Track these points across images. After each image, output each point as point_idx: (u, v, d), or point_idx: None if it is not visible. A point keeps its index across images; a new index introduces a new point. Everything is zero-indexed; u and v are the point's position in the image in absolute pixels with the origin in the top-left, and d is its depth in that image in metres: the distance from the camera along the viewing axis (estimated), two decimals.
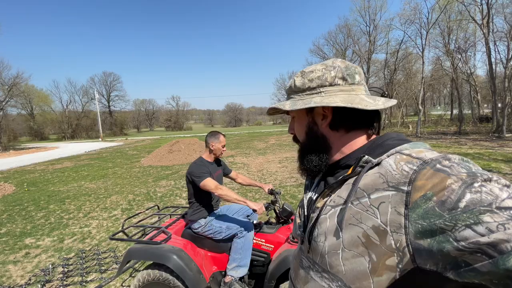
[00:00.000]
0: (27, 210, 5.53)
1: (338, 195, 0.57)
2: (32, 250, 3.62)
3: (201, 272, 1.83)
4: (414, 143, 0.55)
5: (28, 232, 4.31)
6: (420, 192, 0.43)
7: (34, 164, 13.46)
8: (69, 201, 6.06)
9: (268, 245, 1.99)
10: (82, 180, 8.42)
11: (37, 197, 6.53)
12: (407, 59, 23.50)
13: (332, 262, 0.54)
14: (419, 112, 18.23)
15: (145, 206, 5.30)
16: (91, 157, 15.19)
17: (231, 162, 10.15)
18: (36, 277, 2.92)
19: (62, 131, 45.73)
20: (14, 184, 8.26)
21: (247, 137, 23.32)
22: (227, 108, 73.48)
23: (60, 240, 3.92)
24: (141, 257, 1.93)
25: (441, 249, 0.39)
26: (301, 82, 0.64)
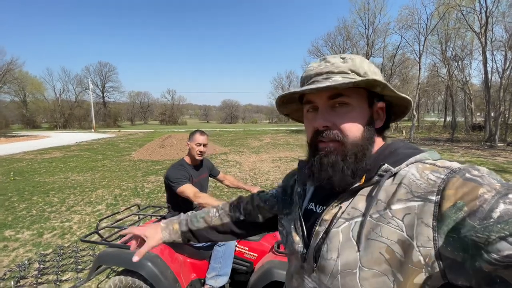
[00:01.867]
0: (10, 200, 5.35)
1: (352, 207, 0.51)
2: (11, 243, 3.49)
3: (177, 281, 1.73)
4: (431, 152, 0.52)
5: (8, 224, 4.16)
6: (450, 201, 0.40)
7: (24, 152, 13.16)
8: (54, 193, 5.89)
9: (252, 254, 1.90)
10: (70, 172, 8.22)
11: (22, 188, 6.34)
12: (403, 64, 23.66)
13: (346, 283, 0.48)
14: (413, 117, 18.35)
15: (131, 202, 5.18)
16: (81, 148, 14.91)
17: (224, 159, 10.05)
18: (12, 272, 2.80)
19: (54, 120, 44.84)
20: (0, 173, 8.04)
21: (242, 135, 23.20)
22: (223, 105, 73.08)
23: (40, 234, 3.78)
24: (112, 263, 1.83)
25: (473, 264, 0.36)
26: (368, 69, 0.54)
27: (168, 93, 66.65)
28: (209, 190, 6.14)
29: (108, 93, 53.73)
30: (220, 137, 20.95)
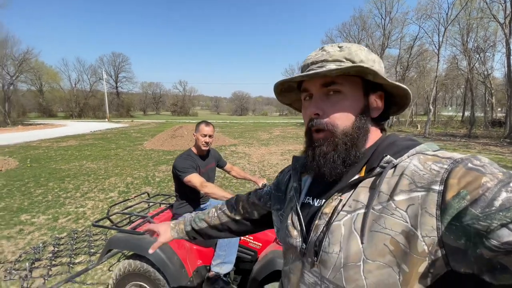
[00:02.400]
0: (27, 186, 5.58)
1: (353, 199, 0.51)
2: (26, 227, 3.64)
3: (183, 266, 1.76)
4: (429, 143, 0.52)
5: (25, 208, 4.34)
6: (453, 191, 0.41)
7: (40, 140, 13.63)
8: (69, 180, 6.09)
9: (256, 243, 1.91)
10: (84, 160, 8.47)
11: (38, 174, 6.59)
12: (421, 56, 22.76)
13: (350, 277, 0.47)
14: (429, 112, 17.78)
15: (142, 190, 5.29)
16: (95, 137, 15.31)
17: (233, 151, 10.09)
18: (27, 254, 2.93)
19: (70, 109, 46.17)
20: (18, 159, 8.36)
21: (252, 127, 23.18)
22: (234, 96, 73.04)
23: (55, 218, 3.93)
24: (122, 247, 1.87)
25: (475, 251, 0.37)
26: (365, 56, 0.54)
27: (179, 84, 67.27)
28: (217, 181, 6.18)
29: (121, 83, 54.75)
30: (230, 129, 21.01)
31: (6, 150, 10.43)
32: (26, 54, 31.68)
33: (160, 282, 1.75)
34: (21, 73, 31.89)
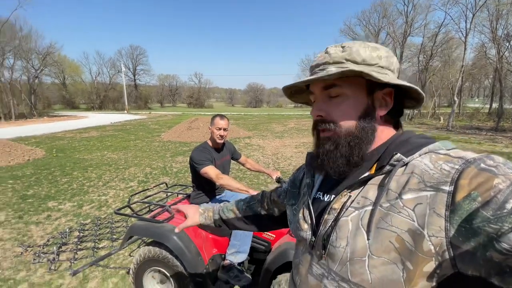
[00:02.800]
0: (53, 174, 5.91)
1: (362, 196, 0.52)
2: (54, 213, 3.88)
3: (200, 254, 1.82)
4: (444, 141, 0.51)
5: (52, 195, 4.61)
6: (463, 192, 0.40)
7: (64, 131, 14.31)
8: (92, 169, 6.38)
9: (270, 234, 1.94)
10: (105, 150, 8.82)
11: (64, 163, 6.95)
12: (447, 44, 21.49)
13: (355, 270, 0.49)
14: (453, 103, 16.91)
15: (160, 180, 5.46)
16: (116, 128, 15.86)
17: (247, 143, 10.14)
18: (54, 239, 3.13)
19: (91, 101, 47.92)
20: (45, 149, 8.83)
21: (266, 119, 23.11)
22: (249, 88, 72.62)
23: (79, 206, 4.16)
24: (142, 234, 1.96)
25: (484, 253, 0.37)
26: (368, 55, 0.53)
27: (195, 76, 67.72)
28: (232, 173, 6.25)
29: (139, 76, 55.90)
30: (244, 121, 21.05)
31: (33, 140, 11.04)
32: (49, 48, 32.94)
33: (178, 268, 1.82)
34: (45, 66, 33.24)
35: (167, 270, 1.88)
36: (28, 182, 5.35)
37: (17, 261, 2.69)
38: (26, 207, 4.08)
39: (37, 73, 32.20)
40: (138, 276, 2.00)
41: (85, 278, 2.45)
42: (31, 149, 8.32)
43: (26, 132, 14.02)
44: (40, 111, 31.24)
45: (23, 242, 3.06)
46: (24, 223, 3.54)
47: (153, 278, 2.02)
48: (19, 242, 3.06)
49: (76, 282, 2.39)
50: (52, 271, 2.52)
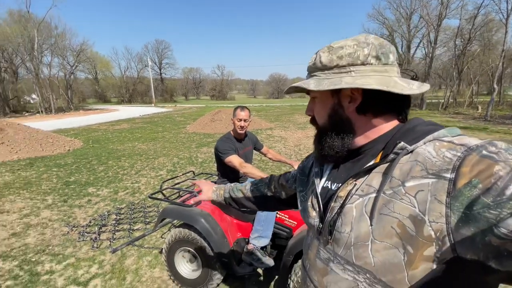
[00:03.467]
0: (91, 163, 6.41)
1: (366, 184, 0.54)
2: (93, 198, 4.26)
3: (225, 237, 1.95)
4: (450, 128, 0.52)
5: (91, 182, 5.04)
6: (465, 179, 0.41)
7: (98, 124, 15.29)
8: (124, 158, 6.83)
9: (291, 221, 2.01)
10: (136, 141, 9.35)
11: (99, 153, 7.50)
12: (486, 26, 19.62)
13: (359, 254, 0.52)
14: (493, 91, 15.56)
15: (187, 169, 5.73)
16: (144, 120, 16.64)
17: (269, 135, 10.18)
18: (95, 220, 3.46)
19: (121, 95, 50.50)
20: (82, 140, 9.56)
21: (289, 110, 22.88)
22: (271, 79, 71.88)
23: (115, 192, 4.51)
24: (173, 217, 2.13)
25: (483, 238, 0.38)
26: (328, 59, 0.57)
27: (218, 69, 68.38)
28: (254, 163, 6.34)
29: (165, 69, 57.77)
30: (266, 112, 21.03)
31: (72, 132, 11.96)
32: (82, 45, 35.02)
33: (206, 249, 1.97)
34: (79, 63, 35.47)
35: (196, 250, 2.04)
36: (69, 170, 5.87)
37: (65, 239, 3.03)
38: (69, 192, 4.51)
39: (72, 69, 34.47)
40: (170, 255, 2.18)
41: (123, 255, 2.71)
42: (71, 140, 9.05)
43: (65, 124, 15.21)
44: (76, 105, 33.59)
45: (68, 222, 3.42)
46: (69, 206, 3.94)
47: (183, 257, 2.20)
48: (65, 222, 3.42)
49: (116, 259, 2.65)
50: (94, 249, 2.81)
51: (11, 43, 25.75)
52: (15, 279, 2.37)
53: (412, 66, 24.89)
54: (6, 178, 5.30)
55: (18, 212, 3.74)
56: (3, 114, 24.92)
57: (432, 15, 22.02)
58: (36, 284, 2.32)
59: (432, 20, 21.92)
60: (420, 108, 21.88)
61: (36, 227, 3.31)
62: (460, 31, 21.08)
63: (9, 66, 28.16)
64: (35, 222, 3.43)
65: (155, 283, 2.30)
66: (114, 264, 2.58)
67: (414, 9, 24.21)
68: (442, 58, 25.34)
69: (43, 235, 3.13)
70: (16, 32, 25.37)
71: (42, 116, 23.59)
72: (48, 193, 4.46)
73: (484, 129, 10.62)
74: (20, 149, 7.34)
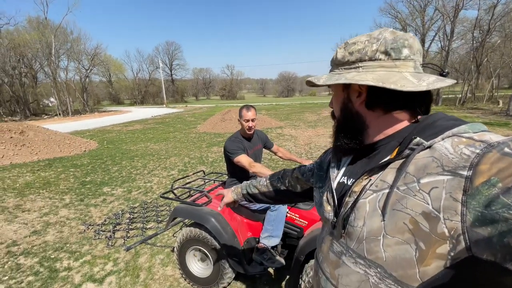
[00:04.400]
0: (106, 164, 6.59)
1: (381, 179, 0.54)
2: (108, 197, 4.37)
3: (235, 236, 1.95)
4: (473, 124, 0.49)
5: (106, 182, 5.18)
6: (483, 177, 0.40)
7: (112, 125, 15.71)
8: (137, 159, 6.98)
9: (302, 221, 1.99)
10: (148, 142, 9.53)
11: (113, 154, 7.69)
12: (508, 16, 18.71)
13: (371, 248, 0.52)
14: None
15: (198, 168, 5.78)
16: (156, 121, 16.95)
17: (279, 133, 10.14)
18: (110, 219, 3.55)
19: (133, 96, 51.71)
20: (97, 141, 9.84)
21: (299, 108, 22.70)
22: (280, 77, 71.56)
23: (129, 191, 4.62)
24: (184, 216, 2.15)
25: (502, 239, 0.37)
26: (342, 55, 0.60)
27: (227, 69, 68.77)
28: (264, 162, 6.32)
29: (175, 70, 58.65)
30: (276, 111, 20.94)
31: (87, 133, 12.34)
32: (96, 49, 36.01)
33: (216, 248, 1.98)
34: (93, 66, 36.50)
35: (207, 249, 2.05)
36: (86, 170, 6.06)
37: (81, 237, 3.13)
38: (86, 192, 4.65)
39: (87, 73, 35.48)
40: (182, 254, 2.21)
41: (137, 253, 2.77)
42: (87, 141, 9.33)
43: (81, 126, 15.72)
44: (92, 107, 34.61)
45: (85, 221, 3.53)
46: (85, 205, 4.06)
47: (194, 256, 2.22)
48: (82, 221, 3.53)
49: (130, 257, 2.71)
50: (109, 247, 2.89)
51: (30, 49, 26.81)
52: (35, 275, 2.47)
53: (427, 60, 23.89)
54: (27, 178, 5.53)
55: (38, 211, 3.90)
56: (24, 117, 26.03)
57: (448, 6, 21.22)
58: (55, 280, 2.41)
59: (448, 12, 21.12)
60: (436, 104, 21.18)
61: (55, 225, 3.43)
62: (479, 22, 20.22)
63: (29, 71, 29.33)
64: (54, 221, 3.56)
65: (167, 281, 2.34)
66: (128, 261, 2.63)
67: (429, 1, 23.40)
68: (459, 51, 24.41)
69: (61, 233, 3.25)
70: (34, 38, 26.41)
71: (60, 118, 24.47)
72: (66, 193, 4.62)
73: (506, 125, 10.15)
74: (40, 151, 7.64)
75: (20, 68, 27.80)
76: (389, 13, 26.66)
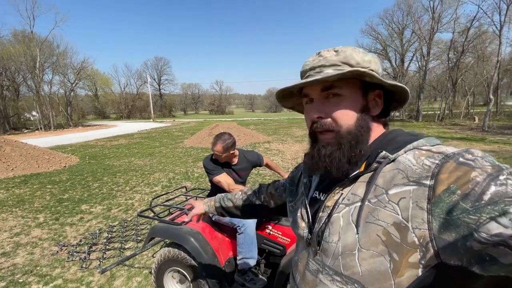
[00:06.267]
0: (86, 180, 6.34)
1: (352, 193, 0.54)
2: (86, 216, 4.16)
3: (216, 256, 1.88)
4: (429, 138, 0.53)
5: (84, 199, 4.95)
6: (443, 185, 0.42)
7: (96, 140, 15.27)
8: (120, 174, 6.76)
9: (285, 238, 1.94)
10: (132, 157, 9.30)
11: (95, 169, 7.43)
12: (480, 38, 20.11)
13: (346, 264, 0.51)
14: (489, 102, 15.74)
15: (182, 184, 5.65)
16: (142, 136, 16.64)
17: (267, 148, 10.16)
18: (86, 239, 3.36)
19: (120, 111, 50.90)
20: (79, 157, 9.50)
21: (287, 123, 23.00)
22: (268, 93, 72.98)
23: (109, 209, 4.43)
24: (162, 236, 2.06)
25: (465, 243, 0.38)
26: (361, 59, 0.55)
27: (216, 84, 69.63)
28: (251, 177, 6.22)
29: (164, 85, 58.56)
30: (264, 126, 21.12)
31: (69, 148, 11.91)
32: (83, 63, 35.61)
33: (196, 269, 1.89)
34: (79, 80, 35.94)
35: (186, 270, 1.96)
36: (64, 186, 5.79)
37: (54, 259, 2.93)
38: (62, 210, 4.42)
39: (73, 87, 34.83)
40: (159, 276, 2.10)
41: (112, 276, 2.60)
42: (67, 157, 8.99)
43: (64, 140, 15.19)
44: (76, 121, 33.72)
45: (58, 242, 3.32)
46: (60, 224, 3.84)
47: (173, 278, 2.11)
48: (55, 241, 3.32)
49: (104, 280, 2.54)
50: (83, 269, 2.71)
51: (14, 62, 26.18)
52: None
53: (407, 79, 25.33)
54: (0, 195, 5.21)
55: (9, 230, 3.65)
56: (3, 131, 24.94)
57: (424, 29, 22.64)
58: None
59: (424, 35, 22.49)
60: (416, 120, 22.01)
61: (26, 247, 3.21)
62: (453, 44, 21.60)
63: (11, 84, 28.49)
64: (25, 241, 3.33)
65: None
66: (103, 285, 2.47)
67: (406, 25, 24.94)
68: (436, 70, 25.79)
69: (32, 254, 3.03)
70: (19, 51, 25.87)
71: (41, 132, 23.61)
72: (40, 211, 4.37)
73: (482, 140, 10.62)
74: (16, 166, 7.28)
75: (2, 81, 26.97)
76: (370, 34, 28.08)
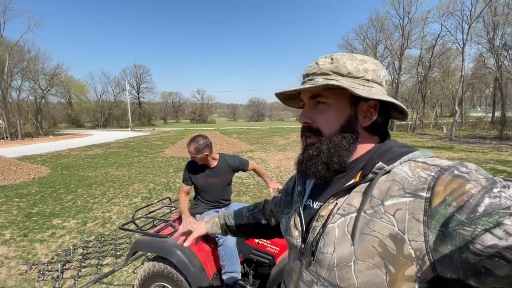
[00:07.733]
0: (58, 192, 5.94)
1: (347, 203, 0.53)
2: (58, 231, 3.88)
3: (204, 269, 1.82)
4: (423, 150, 0.54)
5: (56, 213, 4.63)
6: (439, 198, 0.42)
7: (69, 149, 14.45)
8: (96, 186, 6.42)
9: (274, 248, 1.93)
10: (109, 167, 8.88)
11: (68, 181, 7.00)
12: (445, 55, 21.82)
13: (342, 275, 0.50)
14: (455, 113, 16.93)
15: (164, 195, 5.47)
16: (119, 145, 16.00)
17: (250, 157, 10.15)
18: (58, 256, 3.13)
19: (96, 119, 48.65)
20: (50, 168, 8.92)
21: (269, 133, 23.20)
22: (250, 103, 73.51)
23: (84, 223, 4.16)
24: (146, 249, 1.96)
25: (461, 255, 0.38)
26: (355, 68, 0.55)
27: (198, 93, 68.89)
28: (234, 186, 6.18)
29: (143, 93, 56.98)
30: (247, 135, 21.16)
31: (39, 159, 11.17)
32: (56, 69, 33.88)
33: (183, 284, 1.81)
34: (52, 87, 34.05)
35: (172, 285, 1.87)
36: (33, 200, 5.38)
37: (22, 279, 2.68)
38: (31, 225, 4.09)
39: (44, 93, 32.92)
40: None
41: None
42: (37, 167, 8.41)
43: (32, 150, 14.20)
44: (46, 130, 31.73)
45: (27, 260, 3.06)
46: (29, 241, 3.55)
47: None
48: (24, 260, 3.05)
49: None
50: None
51: None
52: None
53: None
54: None
55: None
56: None
57: (395, 45, 24.18)
58: None
59: (396, 50, 24.00)
60: (391, 130, 23.18)
61: None
62: (421, 60, 23.20)
63: None
64: None
65: None
66: None
67: (379, 40, 26.47)
68: (407, 83, 27.46)
69: None
70: None
71: (7, 142, 21.95)
72: (6, 227, 4.01)
73: (451, 148, 11.33)
74: None
75: None
76: (346, 49, 29.44)
